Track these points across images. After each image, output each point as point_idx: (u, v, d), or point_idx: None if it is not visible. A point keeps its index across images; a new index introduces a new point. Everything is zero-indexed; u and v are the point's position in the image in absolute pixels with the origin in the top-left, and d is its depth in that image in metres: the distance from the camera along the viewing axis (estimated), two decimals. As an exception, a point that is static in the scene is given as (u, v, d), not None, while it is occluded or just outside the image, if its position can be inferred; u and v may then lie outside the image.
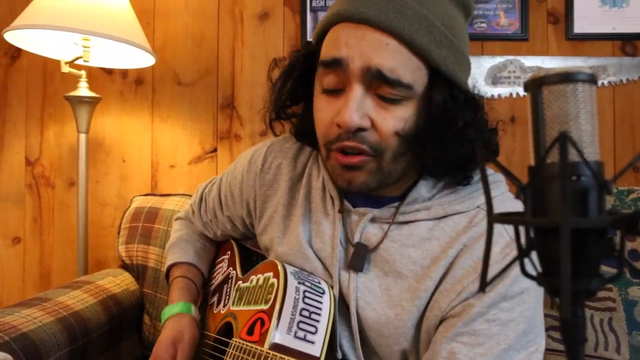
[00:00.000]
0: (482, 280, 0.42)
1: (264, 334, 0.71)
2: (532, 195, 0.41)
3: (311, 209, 0.85)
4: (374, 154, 0.70)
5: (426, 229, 0.75)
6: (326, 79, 0.72)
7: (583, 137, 0.40)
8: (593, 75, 0.41)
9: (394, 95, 0.68)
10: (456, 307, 0.70)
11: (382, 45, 0.67)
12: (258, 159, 0.91)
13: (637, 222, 0.36)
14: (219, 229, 1.05)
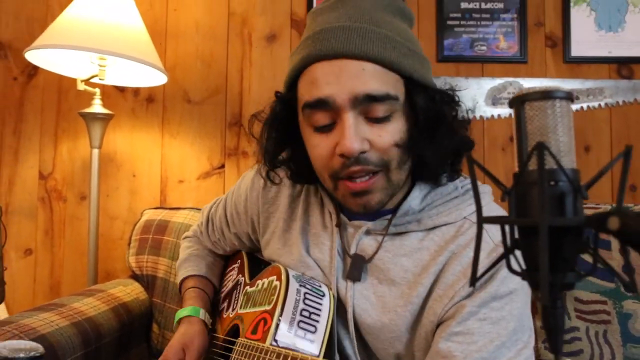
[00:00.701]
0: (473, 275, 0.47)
1: (267, 331, 0.75)
2: (515, 199, 0.46)
3: (310, 222, 0.90)
4: (381, 168, 0.75)
5: (417, 240, 0.80)
6: (314, 118, 0.76)
7: (561, 147, 0.45)
8: (570, 93, 0.46)
9: (383, 113, 0.73)
10: (449, 310, 0.74)
11: (360, 71, 0.72)
12: (260, 179, 0.96)
13: (605, 221, 0.41)
14: (227, 245, 1.10)
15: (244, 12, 1.93)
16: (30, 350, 0.58)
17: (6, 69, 1.95)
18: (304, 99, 0.77)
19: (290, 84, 0.81)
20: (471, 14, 1.94)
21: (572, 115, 0.46)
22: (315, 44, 0.75)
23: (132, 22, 1.54)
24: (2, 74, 1.95)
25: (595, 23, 1.93)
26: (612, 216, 0.40)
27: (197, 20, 1.94)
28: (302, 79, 0.77)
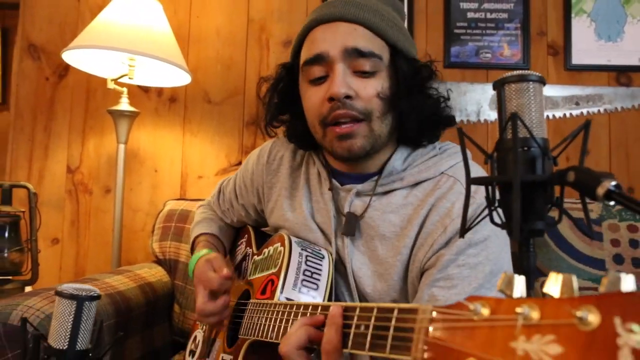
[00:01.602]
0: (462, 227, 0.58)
1: (274, 290, 0.85)
2: (496, 162, 0.56)
3: (311, 191, 1.01)
4: (363, 117, 0.87)
5: (402, 197, 0.91)
6: (311, 72, 0.89)
7: (533, 120, 0.56)
8: (541, 77, 0.57)
9: (369, 67, 0.86)
10: (431, 258, 0.84)
11: (352, 30, 0.87)
12: (265, 153, 1.10)
13: (565, 175, 0.52)
14: (235, 216, 1.22)
15: (262, 19, 2.06)
16: (89, 291, 0.68)
17: (39, 70, 2.08)
18: (304, 57, 0.90)
19: (294, 52, 0.95)
20: (477, 23, 2.05)
21: (543, 95, 0.57)
22: (317, 13, 0.91)
23: (160, 26, 1.66)
24: (35, 74, 2.08)
25: (595, 33, 2.03)
26: (570, 171, 0.51)
27: (218, 26, 2.06)
28: (305, 44, 0.92)
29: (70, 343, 0.66)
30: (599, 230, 1.41)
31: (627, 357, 0.30)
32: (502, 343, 0.37)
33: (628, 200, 0.45)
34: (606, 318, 0.32)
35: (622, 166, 1.99)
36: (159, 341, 1.46)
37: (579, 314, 0.33)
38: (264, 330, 0.79)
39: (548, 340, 0.35)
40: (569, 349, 0.33)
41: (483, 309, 0.41)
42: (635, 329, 0.30)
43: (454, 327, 0.43)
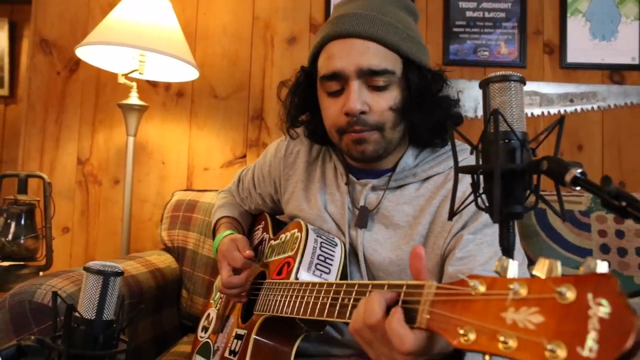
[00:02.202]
0: (450, 210, 0.65)
1: (290, 272, 0.92)
2: (480, 152, 0.63)
3: (326, 184, 1.09)
4: (376, 129, 0.95)
5: (414, 189, 0.99)
6: (328, 86, 0.96)
7: (514, 116, 0.63)
8: (522, 77, 0.64)
9: (382, 83, 0.93)
10: (450, 242, 0.92)
11: (366, 49, 0.92)
12: (282, 147, 1.18)
13: (540, 164, 0.59)
14: (252, 203, 1.30)
15: (267, 16, 2.12)
16: (114, 268, 0.76)
17: (50, 65, 2.15)
18: (322, 72, 0.97)
19: (312, 59, 1.01)
20: (475, 22, 2.11)
21: (524, 93, 0.64)
22: (333, 26, 0.95)
23: (170, 23, 1.73)
24: (47, 69, 2.15)
25: (590, 32, 2.10)
26: (543, 161, 0.58)
27: (224, 23, 2.13)
28: (322, 55, 0.98)
29: (97, 314, 0.74)
30: (587, 221, 1.48)
31: (595, 325, 0.37)
32: (494, 313, 0.45)
33: (590, 185, 0.52)
34: (581, 294, 0.39)
35: (614, 162, 2.06)
36: (168, 324, 1.54)
37: (559, 290, 0.40)
38: (279, 307, 0.86)
39: (532, 311, 0.42)
40: (549, 318, 0.40)
41: (480, 286, 0.49)
42: (604, 302, 0.38)
43: (454, 300, 0.51)
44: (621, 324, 0.35)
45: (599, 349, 0.35)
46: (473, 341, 0.44)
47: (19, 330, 1.01)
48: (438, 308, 0.51)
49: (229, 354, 0.98)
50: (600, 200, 0.52)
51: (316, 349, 1.04)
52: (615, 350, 0.34)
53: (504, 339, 0.41)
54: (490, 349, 0.42)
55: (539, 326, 0.39)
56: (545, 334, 0.38)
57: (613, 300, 0.36)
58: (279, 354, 0.91)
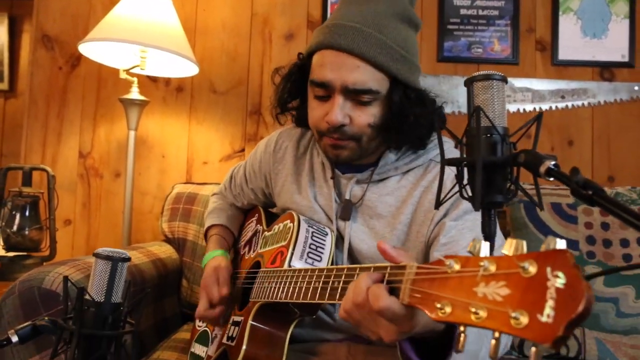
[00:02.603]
0: (437, 199, 0.70)
1: (284, 260, 0.97)
2: (465, 146, 0.68)
3: (314, 177, 1.15)
4: (353, 139, 1.00)
5: (396, 182, 1.05)
6: (316, 90, 1.01)
7: (496, 112, 0.68)
8: (504, 76, 0.69)
9: (366, 99, 0.97)
10: (434, 230, 0.98)
11: (355, 67, 0.96)
12: (272, 143, 1.24)
13: (517, 157, 0.63)
14: (245, 199, 1.35)
15: (266, 13, 2.17)
16: (122, 254, 0.80)
17: (52, 60, 2.19)
18: (313, 76, 1.01)
19: (308, 53, 1.05)
20: (469, 20, 2.16)
21: (505, 91, 0.69)
22: (331, 34, 0.98)
23: (170, 19, 1.77)
24: (49, 64, 2.19)
25: (581, 30, 2.14)
26: (521, 154, 0.63)
27: (223, 19, 2.17)
28: (316, 57, 1.02)
29: (106, 296, 0.78)
30: (574, 214, 1.54)
31: (552, 294, 0.42)
32: (467, 288, 0.50)
33: (562, 176, 0.57)
34: (541, 268, 0.45)
35: (603, 157, 2.11)
36: (169, 312, 1.59)
37: (522, 265, 0.46)
38: (274, 293, 0.91)
39: (500, 285, 0.48)
40: (514, 291, 0.46)
41: (455, 264, 0.54)
42: (560, 275, 0.43)
43: (432, 278, 0.56)
44: (574, 292, 0.40)
45: (555, 315, 0.40)
46: (449, 314, 0.49)
47: (29, 315, 1.06)
48: (418, 285, 0.56)
49: (227, 340, 1.03)
50: (570, 190, 0.56)
51: (310, 335, 1.10)
52: (569, 315, 0.39)
53: (476, 310, 0.46)
54: (463, 319, 0.47)
55: (506, 298, 0.45)
56: (510, 304, 0.44)
57: (568, 272, 0.41)
58: (274, 338, 0.96)
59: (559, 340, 0.41)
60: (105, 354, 0.79)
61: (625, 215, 0.50)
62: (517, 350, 1.49)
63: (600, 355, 1.41)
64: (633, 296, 1.43)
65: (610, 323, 1.43)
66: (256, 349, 0.95)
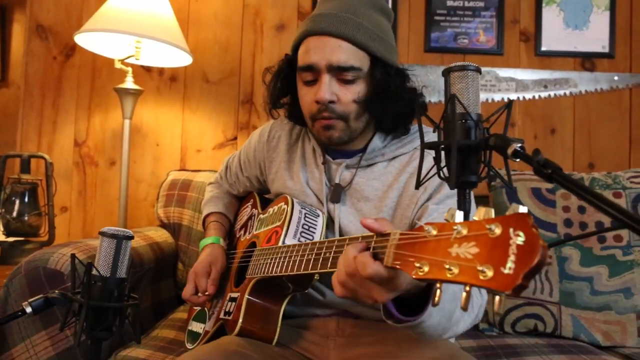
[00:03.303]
0: (417, 180, 0.76)
1: (278, 239, 1.04)
2: (442, 131, 0.74)
3: (306, 163, 1.21)
4: (342, 118, 1.08)
5: (382, 167, 1.13)
6: (304, 75, 1.09)
7: (470, 100, 0.74)
8: (478, 67, 0.75)
9: (349, 77, 1.06)
10: (417, 212, 1.05)
11: (337, 47, 1.05)
12: (265, 133, 1.30)
13: (488, 140, 0.70)
14: (240, 187, 1.42)
15: (257, 4, 2.21)
16: (126, 232, 0.87)
17: (47, 50, 2.22)
18: (300, 63, 1.09)
19: (293, 49, 1.13)
20: (455, 11, 2.22)
21: (479, 81, 0.75)
22: (312, 23, 1.08)
23: (164, 10, 1.82)
24: (43, 54, 2.22)
25: (564, 21, 2.21)
26: (492, 137, 0.69)
27: (216, 10, 2.21)
28: (301, 48, 1.10)
29: (112, 271, 0.85)
30: (552, 198, 1.61)
31: (514, 250, 0.49)
32: (443, 249, 0.57)
33: (526, 157, 0.64)
34: (505, 229, 0.52)
35: (584, 144, 2.19)
36: (165, 294, 1.65)
37: (489, 227, 0.53)
38: (270, 268, 0.98)
39: (470, 245, 0.55)
40: (482, 249, 0.53)
41: (433, 230, 0.61)
42: (520, 234, 0.50)
43: (413, 242, 0.63)
44: (531, 248, 0.47)
45: (515, 267, 0.47)
46: (426, 272, 0.56)
47: (35, 294, 1.11)
48: (401, 250, 0.63)
49: (224, 315, 1.10)
50: (532, 169, 0.63)
51: (301, 311, 1.16)
52: (527, 266, 0.47)
53: (449, 267, 0.53)
54: (439, 276, 0.54)
55: (475, 255, 0.52)
56: (479, 260, 0.51)
57: (527, 232, 0.48)
58: (269, 313, 1.03)
59: (517, 288, 0.48)
60: (111, 325, 0.85)
61: (578, 190, 0.57)
62: (498, 328, 1.57)
63: (575, 331, 1.50)
64: (606, 275, 1.52)
65: (585, 301, 1.51)
66: (252, 323, 1.01)
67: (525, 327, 1.54)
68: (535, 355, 1.34)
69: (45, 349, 1.12)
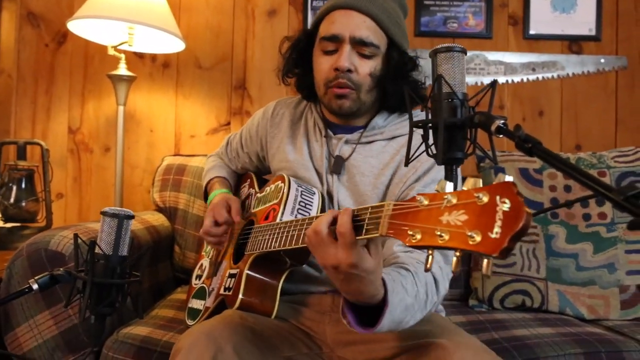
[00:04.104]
0: (407, 157, 0.80)
1: (276, 216, 1.08)
2: (429, 109, 0.78)
3: (309, 138, 1.26)
4: (355, 88, 1.14)
5: (381, 146, 1.18)
6: (325, 45, 1.16)
7: (456, 80, 0.77)
8: (463, 48, 0.78)
9: (368, 52, 1.14)
10: (404, 191, 1.11)
11: (362, 22, 1.13)
12: (269, 110, 1.35)
13: (473, 118, 0.74)
14: (239, 163, 1.46)
15: (248, -11, 2.23)
16: (126, 212, 0.90)
17: (38, 37, 2.23)
18: (323, 34, 1.17)
19: (316, 22, 1.20)
20: (445, -5, 2.24)
21: (465, 62, 0.78)
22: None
23: (156, -3, 1.83)
24: (35, 41, 2.23)
25: (551, 5, 2.24)
26: (476, 115, 0.73)
27: (207, -4, 2.23)
28: (325, 20, 1.17)
29: (114, 249, 0.88)
30: (539, 178, 1.66)
31: (500, 216, 0.53)
32: (434, 218, 0.61)
33: (508, 132, 0.68)
34: (492, 197, 0.55)
35: (571, 126, 2.23)
36: (162, 276, 1.69)
37: (477, 195, 0.56)
38: (268, 244, 1.01)
39: (460, 213, 0.59)
40: (471, 216, 0.57)
41: (425, 200, 0.64)
42: (506, 201, 0.54)
43: (406, 212, 0.67)
44: (517, 213, 0.51)
45: (501, 232, 0.51)
46: (419, 239, 0.60)
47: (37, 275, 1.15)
48: (394, 219, 0.67)
49: (224, 291, 1.14)
50: (514, 143, 0.67)
51: (297, 288, 1.20)
52: (512, 230, 0.51)
53: (440, 234, 0.57)
54: (431, 242, 0.58)
55: (464, 222, 0.56)
56: (468, 226, 0.55)
57: (513, 199, 0.52)
58: (268, 287, 1.07)
59: (504, 250, 0.52)
60: (114, 300, 0.89)
61: (556, 162, 0.61)
62: (487, 304, 1.62)
63: (561, 305, 1.55)
64: (591, 252, 1.57)
65: (570, 276, 1.57)
66: (251, 297, 1.05)
67: (513, 303, 1.59)
68: (523, 328, 1.39)
69: (48, 328, 1.16)
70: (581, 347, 1.24)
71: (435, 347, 0.93)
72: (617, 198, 0.53)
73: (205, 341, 0.89)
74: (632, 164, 1.66)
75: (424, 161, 1.11)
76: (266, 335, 1.02)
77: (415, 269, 0.96)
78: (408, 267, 0.96)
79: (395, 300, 0.84)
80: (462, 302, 1.70)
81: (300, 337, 1.11)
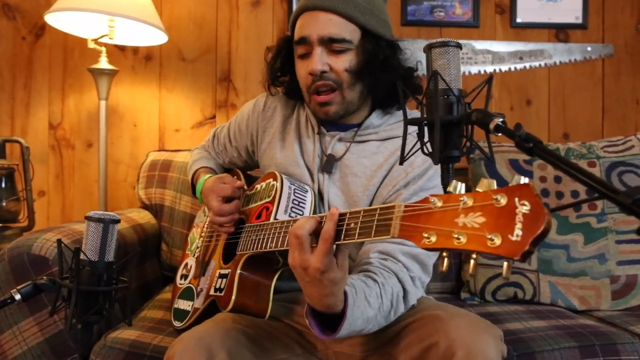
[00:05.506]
0: (401, 157, 0.78)
1: (269, 214, 1.05)
2: (424, 106, 0.75)
3: (300, 134, 1.23)
4: (336, 86, 1.11)
5: (375, 147, 1.15)
6: (299, 50, 1.14)
7: (452, 76, 0.75)
8: (458, 43, 0.76)
9: (340, 48, 1.10)
10: (392, 195, 1.08)
11: (327, 20, 1.10)
12: (261, 103, 1.31)
13: (471, 116, 0.71)
14: (227, 157, 1.42)
15: (231, -21, 2.18)
16: (112, 216, 0.86)
17: (15, 30, 2.16)
18: (294, 38, 1.15)
19: (291, 28, 1.18)
20: (431, -16, 2.21)
21: (460, 57, 0.76)
22: (306, 0, 1.13)
23: (137, -12, 1.77)
24: (12, 34, 2.16)
25: (538, -7, 2.23)
26: (474, 113, 0.71)
27: (189, -14, 2.17)
28: (297, 23, 1.15)
29: (100, 255, 0.85)
30: (530, 169, 1.65)
31: (520, 218, 0.52)
32: (449, 220, 0.59)
33: (508, 131, 0.66)
34: (510, 199, 0.54)
35: (559, 114, 2.23)
36: (150, 275, 1.65)
37: (495, 197, 0.55)
38: (261, 243, 0.98)
39: (477, 215, 0.57)
40: (489, 218, 0.55)
41: (439, 202, 0.62)
42: (526, 203, 0.52)
43: (418, 214, 0.65)
44: (537, 215, 0.50)
45: (522, 234, 0.50)
46: (434, 242, 0.58)
47: (20, 281, 1.11)
48: (406, 221, 0.65)
49: (214, 292, 1.11)
50: (514, 143, 0.65)
51: (288, 286, 1.18)
52: (534, 233, 0.50)
53: (457, 236, 0.55)
54: (447, 245, 0.57)
55: (482, 224, 0.54)
56: (486, 229, 0.53)
57: (532, 200, 0.51)
58: (261, 287, 1.04)
59: (526, 253, 0.51)
60: (102, 308, 0.86)
61: (558, 162, 0.59)
62: (479, 296, 1.61)
63: (553, 297, 1.55)
64: (582, 242, 1.57)
65: (561, 267, 1.57)
66: (245, 297, 1.03)
67: (505, 295, 1.59)
68: (515, 321, 1.38)
69: (33, 335, 1.12)
70: (575, 341, 1.24)
71: (432, 318, 0.96)
72: (625, 201, 0.52)
73: (197, 348, 0.87)
74: (622, 153, 1.66)
75: (416, 166, 1.09)
76: (259, 339, 1.00)
77: (383, 280, 0.96)
78: (376, 278, 0.96)
79: (356, 313, 0.86)
80: (454, 295, 1.69)
81: (293, 336, 1.09)
